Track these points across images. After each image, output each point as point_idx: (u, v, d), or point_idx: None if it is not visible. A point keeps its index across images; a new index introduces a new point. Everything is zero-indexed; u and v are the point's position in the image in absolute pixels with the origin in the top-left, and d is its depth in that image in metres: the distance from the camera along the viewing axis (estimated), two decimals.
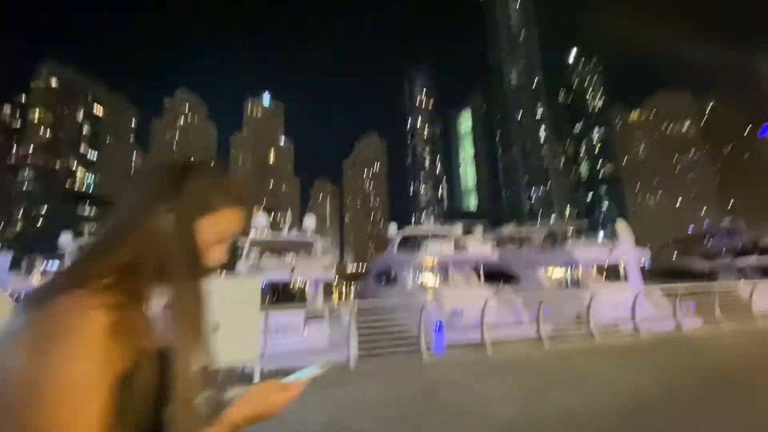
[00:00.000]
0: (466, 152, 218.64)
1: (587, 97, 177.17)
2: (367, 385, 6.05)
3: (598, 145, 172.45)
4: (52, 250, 11.43)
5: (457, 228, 19.89)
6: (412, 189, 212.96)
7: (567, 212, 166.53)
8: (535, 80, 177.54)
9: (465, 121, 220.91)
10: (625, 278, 17.72)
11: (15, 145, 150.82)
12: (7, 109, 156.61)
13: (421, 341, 7.76)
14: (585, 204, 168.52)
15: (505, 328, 10.97)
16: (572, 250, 16.43)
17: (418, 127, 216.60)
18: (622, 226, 13.18)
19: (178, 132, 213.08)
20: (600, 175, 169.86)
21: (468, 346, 8.66)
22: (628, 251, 12.29)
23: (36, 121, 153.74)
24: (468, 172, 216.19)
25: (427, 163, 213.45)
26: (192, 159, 0.66)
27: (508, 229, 23.48)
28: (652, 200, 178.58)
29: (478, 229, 21.81)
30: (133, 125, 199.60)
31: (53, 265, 10.41)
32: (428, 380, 6.31)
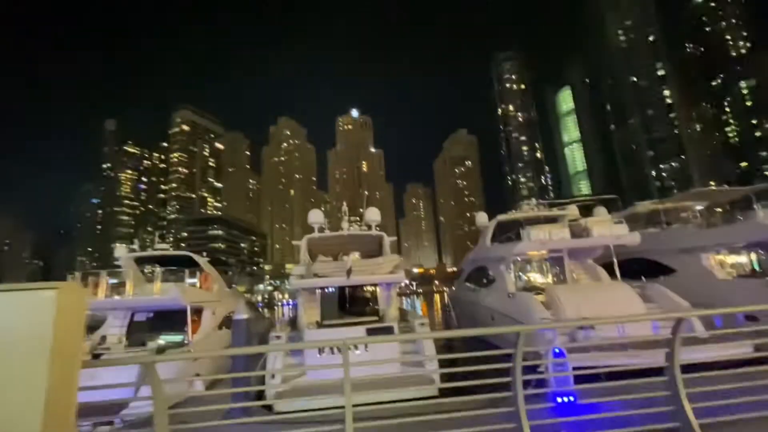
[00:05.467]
0: (570, 133, 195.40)
1: (726, 43, 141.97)
2: None
3: (749, 99, 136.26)
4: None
5: (572, 209, 15.23)
6: (510, 181, 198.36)
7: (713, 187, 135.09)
8: (650, 35, 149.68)
9: (564, 100, 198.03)
10: None
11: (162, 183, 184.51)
12: (155, 155, 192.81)
13: (516, 384, 3.84)
14: (736, 174, 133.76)
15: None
16: None
17: (511, 114, 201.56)
18: None
19: (282, 155, 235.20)
20: (758, 136, 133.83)
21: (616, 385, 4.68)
22: None
23: (175, 161, 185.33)
24: (575, 155, 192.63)
25: (524, 152, 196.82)
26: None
27: (644, 205, 17.57)
28: None
29: (601, 210, 16.58)
30: (247, 154, 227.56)
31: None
32: None
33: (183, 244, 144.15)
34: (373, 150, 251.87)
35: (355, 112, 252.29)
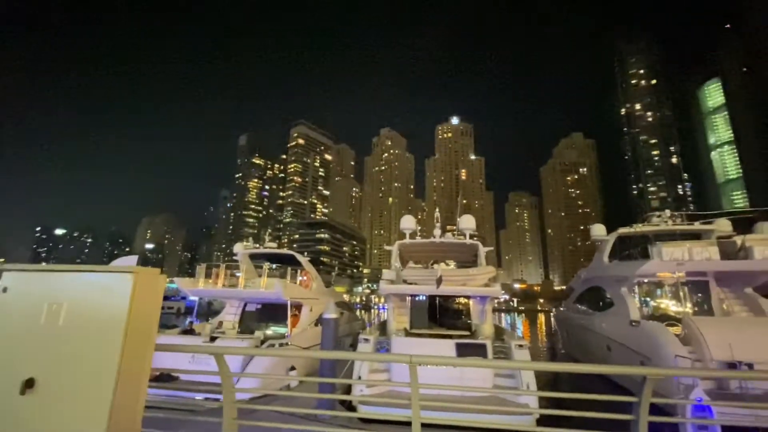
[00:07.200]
0: (719, 134, 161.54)
1: None
2: None
3: None
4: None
5: (723, 223, 12.29)
6: (636, 190, 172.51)
7: None
8: None
9: (713, 94, 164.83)
10: None
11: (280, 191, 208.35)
12: (275, 166, 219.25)
13: None
14: None
15: None
16: None
17: (637, 113, 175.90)
18: None
19: (383, 165, 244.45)
20: None
21: None
22: None
23: (291, 171, 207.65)
24: (725, 160, 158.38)
25: (655, 156, 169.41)
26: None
27: None
28: None
29: (766, 225, 13.07)
30: (351, 164, 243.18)
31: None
32: None
33: (294, 245, 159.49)
34: (473, 157, 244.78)
35: (455, 119, 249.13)
